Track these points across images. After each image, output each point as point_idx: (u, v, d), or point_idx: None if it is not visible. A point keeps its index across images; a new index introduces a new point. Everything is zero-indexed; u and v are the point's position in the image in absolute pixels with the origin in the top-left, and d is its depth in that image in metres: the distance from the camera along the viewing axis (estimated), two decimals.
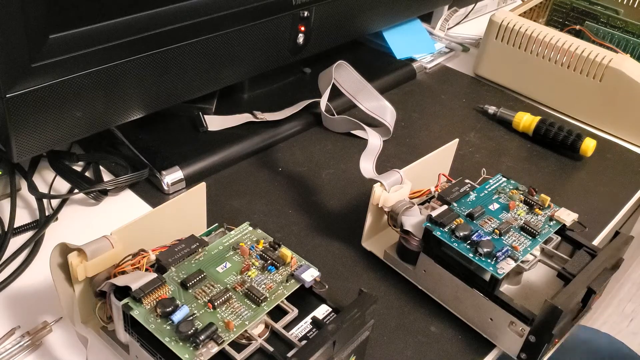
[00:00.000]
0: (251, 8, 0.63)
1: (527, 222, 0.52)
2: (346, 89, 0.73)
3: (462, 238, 0.49)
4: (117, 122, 0.59)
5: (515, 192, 0.56)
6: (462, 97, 0.87)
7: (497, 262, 0.48)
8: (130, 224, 0.45)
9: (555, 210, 0.54)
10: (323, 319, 0.44)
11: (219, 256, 0.46)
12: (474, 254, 0.48)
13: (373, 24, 0.84)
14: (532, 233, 0.51)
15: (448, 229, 0.50)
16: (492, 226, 0.51)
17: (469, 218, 0.52)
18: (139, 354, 0.43)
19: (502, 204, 0.54)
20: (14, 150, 0.52)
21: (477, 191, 0.56)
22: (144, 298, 0.41)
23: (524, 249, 0.49)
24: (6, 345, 0.48)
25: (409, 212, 0.53)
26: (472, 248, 0.49)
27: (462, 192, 0.55)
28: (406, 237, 0.53)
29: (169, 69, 0.59)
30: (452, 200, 0.54)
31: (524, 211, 0.54)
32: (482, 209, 0.53)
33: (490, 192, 0.56)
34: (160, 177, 0.64)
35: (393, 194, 0.54)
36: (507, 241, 0.50)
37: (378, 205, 0.54)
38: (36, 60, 0.48)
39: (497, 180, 0.57)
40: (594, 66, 0.79)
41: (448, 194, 0.54)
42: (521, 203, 0.55)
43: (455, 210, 0.52)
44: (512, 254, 0.49)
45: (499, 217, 0.53)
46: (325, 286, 0.46)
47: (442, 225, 0.50)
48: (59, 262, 0.43)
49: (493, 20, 0.87)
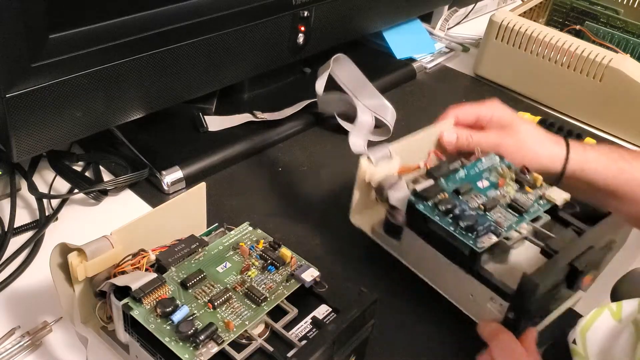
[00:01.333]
0: (251, 8, 0.63)
1: (515, 200, 0.52)
2: (346, 84, 0.72)
3: (444, 212, 0.49)
4: (117, 122, 0.59)
5: (508, 170, 0.56)
6: (462, 97, 0.87)
7: (478, 236, 0.47)
8: (130, 224, 0.45)
9: (546, 190, 0.54)
10: (323, 319, 0.44)
11: (219, 256, 0.46)
12: (454, 228, 0.48)
13: (373, 24, 0.84)
14: (519, 210, 0.51)
15: (432, 203, 0.50)
16: (478, 202, 0.51)
17: (455, 194, 0.52)
18: (139, 354, 0.43)
19: (492, 181, 0.54)
20: (14, 150, 0.52)
21: (467, 168, 0.55)
22: (144, 298, 0.41)
23: (508, 226, 0.49)
24: (6, 345, 0.48)
25: (396, 187, 0.53)
26: (453, 222, 0.49)
27: (451, 169, 0.55)
28: (392, 212, 0.53)
29: (169, 69, 0.59)
30: (440, 176, 0.53)
31: (514, 189, 0.54)
32: (470, 186, 0.53)
33: (481, 170, 0.56)
34: (160, 177, 0.64)
35: (380, 169, 0.53)
36: (492, 217, 0.50)
37: (365, 179, 0.54)
38: (36, 60, 0.48)
39: (491, 159, 0.57)
40: (594, 66, 0.79)
41: (437, 170, 0.54)
42: (512, 181, 0.54)
43: (441, 186, 0.52)
44: (495, 230, 0.48)
45: (486, 193, 0.53)
46: (325, 286, 0.46)
47: (426, 199, 0.50)
48: (59, 262, 0.43)
49: (493, 20, 0.87)
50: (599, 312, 0.51)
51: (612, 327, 0.51)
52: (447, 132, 0.59)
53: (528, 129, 0.59)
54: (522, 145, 0.58)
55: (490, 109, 0.60)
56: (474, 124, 0.60)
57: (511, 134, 0.58)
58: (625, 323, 0.51)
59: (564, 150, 0.57)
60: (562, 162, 0.57)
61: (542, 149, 0.58)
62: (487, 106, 0.60)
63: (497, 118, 0.59)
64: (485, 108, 0.60)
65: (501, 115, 0.59)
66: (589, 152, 0.58)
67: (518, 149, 0.57)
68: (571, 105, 0.84)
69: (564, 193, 0.53)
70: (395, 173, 0.55)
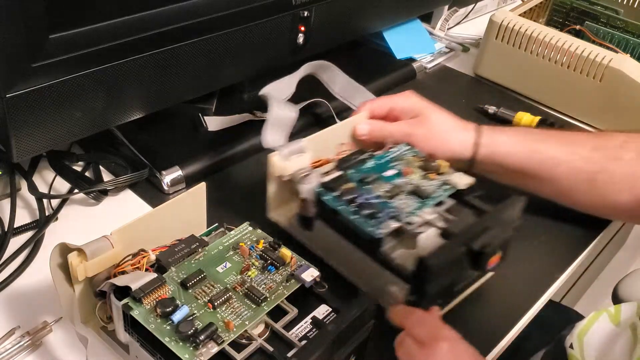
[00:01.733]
0: (251, 8, 0.63)
1: (418, 186, 0.53)
2: (339, 93, 0.71)
3: (348, 201, 0.50)
4: (117, 122, 0.59)
5: (415, 158, 0.57)
6: (462, 97, 0.87)
7: (378, 223, 0.48)
8: (130, 224, 0.45)
9: (450, 175, 0.55)
10: (323, 319, 0.44)
11: (219, 256, 0.46)
12: (357, 216, 0.49)
13: (373, 24, 0.84)
14: (421, 196, 0.52)
15: (337, 194, 0.51)
16: (382, 190, 0.52)
17: (360, 183, 0.53)
18: (139, 354, 0.43)
19: (399, 170, 0.55)
20: (14, 150, 0.52)
21: (376, 159, 0.56)
22: (144, 298, 0.41)
23: (409, 212, 0.50)
24: (6, 345, 0.48)
25: (307, 180, 0.54)
26: (356, 211, 0.50)
27: (360, 160, 0.56)
28: (304, 205, 0.54)
29: (169, 69, 0.59)
30: (348, 167, 0.55)
31: (419, 176, 0.55)
32: (377, 175, 0.54)
33: (390, 159, 0.57)
34: (160, 177, 0.64)
35: (292, 163, 0.54)
36: (394, 204, 0.51)
37: (276, 175, 0.54)
38: (36, 60, 0.48)
39: (400, 148, 0.58)
40: (594, 66, 0.79)
41: (345, 161, 0.56)
42: (418, 169, 0.55)
43: (348, 176, 0.54)
44: (396, 216, 0.49)
45: (392, 182, 0.54)
46: (325, 286, 0.46)
47: (332, 190, 0.52)
48: (59, 262, 0.43)
49: (493, 20, 0.87)
50: (597, 316, 0.51)
51: (609, 331, 0.51)
52: (360, 125, 0.60)
53: (438, 117, 0.60)
54: (432, 134, 0.59)
55: (403, 99, 0.62)
56: (388, 115, 0.62)
57: (422, 123, 0.60)
58: (623, 327, 0.50)
59: (473, 136, 0.59)
60: (472, 147, 0.59)
61: (452, 136, 0.59)
62: (400, 97, 0.62)
63: (408, 108, 0.61)
64: (398, 99, 0.62)
65: (412, 105, 0.61)
66: (500, 136, 0.59)
67: (429, 138, 0.59)
68: (571, 105, 0.84)
69: (468, 177, 0.55)
70: (308, 166, 0.56)
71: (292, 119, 0.60)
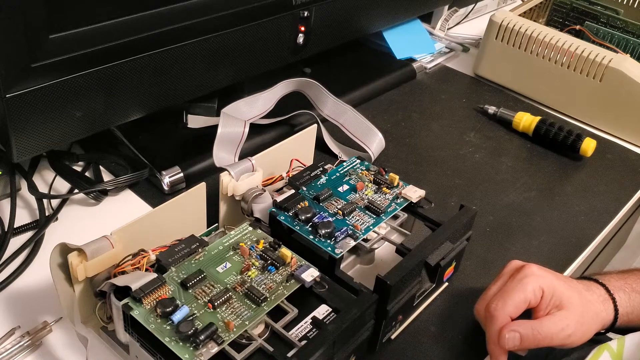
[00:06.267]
0: (251, 8, 0.63)
1: (371, 201, 0.52)
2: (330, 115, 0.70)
3: (304, 221, 0.50)
4: (117, 122, 0.59)
5: (366, 172, 0.56)
6: (462, 97, 0.87)
7: (336, 242, 0.48)
8: (130, 224, 0.45)
9: (402, 188, 0.54)
10: (323, 319, 0.44)
11: (219, 256, 0.46)
12: (314, 236, 0.49)
13: (373, 24, 0.84)
14: (376, 212, 0.52)
15: (292, 213, 0.51)
16: (337, 207, 0.52)
17: (315, 201, 0.52)
18: (139, 354, 0.43)
19: (351, 185, 0.55)
20: (14, 150, 0.52)
21: (328, 174, 0.56)
22: (144, 298, 0.41)
23: (365, 228, 0.50)
24: (6, 345, 0.48)
25: (260, 199, 0.53)
26: (313, 230, 0.49)
27: (312, 176, 0.55)
28: (258, 225, 0.53)
29: (169, 69, 0.59)
30: (301, 184, 0.54)
31: (372, 191, 0.54)
32: (330, 191, 0.53)
33: (342, 174, 0.56)
34: (160, 177, 0.64)
35: (243, 182, 0.53)
36: (351, 221, 0.50)
37: (227, 194, 0.53)
38: (36, 60, 0.48)
39: (351, 162, 0.58)
40: (594, 66, 0.79)
41: (298, 178, 0.55)
42: (370, 183, 0.55)
43: (302, 194, 0.53)
44: (353, 234, 0.49)
45: (346, 198, 0.53)
46: (325, 286, 0.46)
47: (286, 209, 0.51)
48: (59, 262, 0.43)
49: (493, 20, 0.87)
50: (598, 354, 0.51)
51: None
52: (506, 333, 0.48)
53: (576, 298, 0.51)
54: (583, 321, 0.50)
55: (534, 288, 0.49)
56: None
57: (571, 311, 0.50)
58: None
59: (612, 313, 0.53)
60: (610, 323, 0.53)
61: (593, 320, 0.51)
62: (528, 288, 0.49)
63: (549, 294, 0.50)
64: (529, 292, 0.49)
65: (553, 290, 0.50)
66: (635, 299, 0.53)
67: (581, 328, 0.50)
68: (571, 105, 0.84)
69: (419, 190, 0.54)
70: (259, 185, 0.55)
71: (239, 134, 0.60)
